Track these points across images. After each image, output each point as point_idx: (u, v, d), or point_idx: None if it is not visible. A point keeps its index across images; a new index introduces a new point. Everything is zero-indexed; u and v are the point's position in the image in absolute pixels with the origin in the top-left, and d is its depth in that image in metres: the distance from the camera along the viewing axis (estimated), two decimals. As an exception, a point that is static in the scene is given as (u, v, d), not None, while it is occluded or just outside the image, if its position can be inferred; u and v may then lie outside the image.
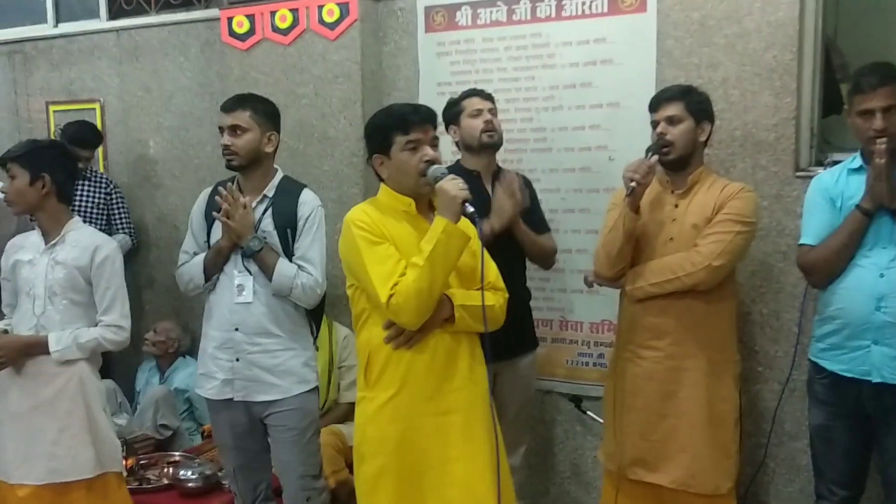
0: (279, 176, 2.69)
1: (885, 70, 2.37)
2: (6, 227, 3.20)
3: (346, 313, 2.80)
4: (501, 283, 2.28)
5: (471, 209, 2.04)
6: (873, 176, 2.32)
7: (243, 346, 2.58)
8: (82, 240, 2.61)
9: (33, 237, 2.65)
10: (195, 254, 2.68)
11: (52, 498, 2.55)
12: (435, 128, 2.20)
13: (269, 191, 2.65)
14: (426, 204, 2.21)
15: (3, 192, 2.70)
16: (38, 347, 2.54)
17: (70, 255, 2.58)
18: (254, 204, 2.60)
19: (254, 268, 2.58)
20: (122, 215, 4.19)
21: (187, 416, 3.97)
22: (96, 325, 2.62)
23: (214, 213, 2.56)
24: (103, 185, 4.15)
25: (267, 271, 2.56)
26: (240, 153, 2.58)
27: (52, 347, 2.53)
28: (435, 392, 2.13)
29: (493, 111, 2.87)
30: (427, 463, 2.13)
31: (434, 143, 2.17)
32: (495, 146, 2.87)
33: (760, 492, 3.07)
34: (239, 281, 2.57)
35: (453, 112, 2.89)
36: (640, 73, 3.09)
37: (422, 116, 2.16)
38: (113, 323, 2.62)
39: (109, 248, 2.64)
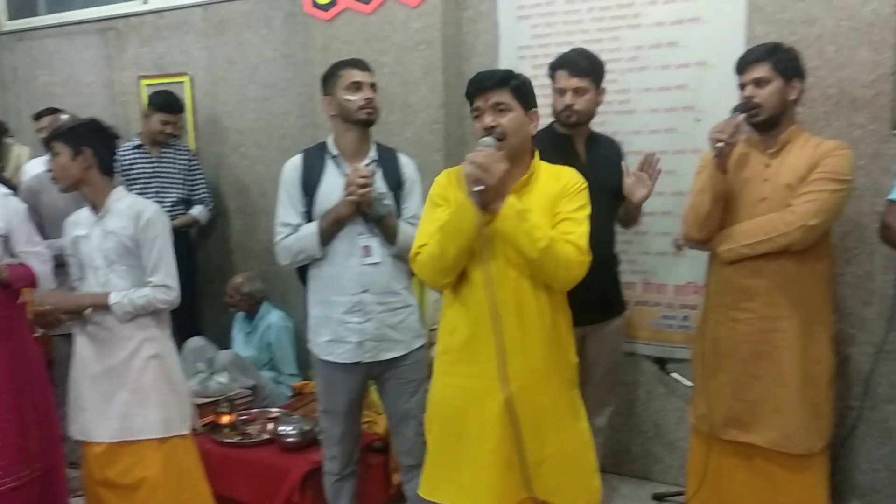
0: (372, 139, 2.73)
1: None
2: (50, 203, 3.45)
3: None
4: (586, 248, 2.14)
5: (477, 188, 1.98)
6: None
7: (372, 306, 2.63)
8: (126, 208, 2.68)
9: (84, 212, 2.74)
10: (297, 225, 2.67)
11: (124, 455, 2.67)
12: (513, 91, 2.10)
13: (374, 154, 2.69)
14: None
15: (49, 171, 2.77)
16: (96, 300, 2.64)
17: (118, 224, 2.65)
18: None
19: (374, 228, 2.63)
20: (201, 185, 4.32)
21: (268, 367, 4.11)
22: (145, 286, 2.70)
23: (353, 188, 2.53)
24: (184, 154, 4.28)
25: (390, 233, 2.61)
26: (377, 109, 2.66)
27: (111, 301, 2.62)
28: (476, 357, 2.13)
29: (580, 90, 2.75)
30: (466, 424, 2.15)
31: (499, 108, 2.10)
32: (576, 125, 2.81)
33: (851, 454, 3.03)
34: (365, 243, 2.62)
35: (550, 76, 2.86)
36: (729, 31, 3.03)
37: (480, 84, 2.12)
38: (161, 283, 2.68)
39: (151, 211, 2.69)
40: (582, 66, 2.78)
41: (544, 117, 2.96)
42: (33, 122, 4.32)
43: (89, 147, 2.62)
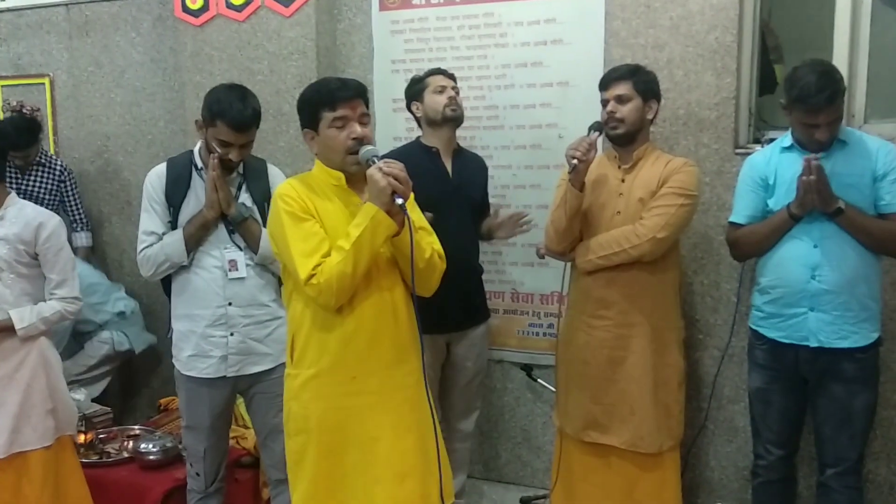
0: None
1: (830, 88, 2.36)
2: None
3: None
4: (443, 256, 2.20)
5: (400, 201, 1.96)
6: (803, 190, 2.39)
7: (237, 319, 2.60)
8: (23, 216, 2.60)
9: None
10: (162, 235, 2.61)
11: (12, 468, 2.58)
12: (365, 103, 2.13)
13: (240, 167, 2.65)
14: (358, 177, 2.12)
15: None
16: (2, 329, 2.56)
17: (12, 231, 2.57)
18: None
19: (241, 242, 2.60)
20: (76, 207, 4.05)
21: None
22: (50, 299, 2.65)
23: (209, 181, 2.52)
24: (57, 172, 4.01)
25: (253, 240, 2.59)
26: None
27: (17, 326, 2.55)
28: (357, 372, 2.10)
29: (456, 89, 2.95)
30: (349, 442, 2.11)
31: (363, 120, 2.10)
32: (458, 120, 2.95)
33: (701, 452, 3.24)
34: (231, 256, 2.59)
35: (417, 89, 2.96)
36: (589, 53, 3.19)
37: (350, 92, 2.08)
38: (69, 295, 2.68)
39: (52, 224, 2.65)
40: (451, 72, 3.03)
41: (412, 132, 3.06)
42: None
43: None
